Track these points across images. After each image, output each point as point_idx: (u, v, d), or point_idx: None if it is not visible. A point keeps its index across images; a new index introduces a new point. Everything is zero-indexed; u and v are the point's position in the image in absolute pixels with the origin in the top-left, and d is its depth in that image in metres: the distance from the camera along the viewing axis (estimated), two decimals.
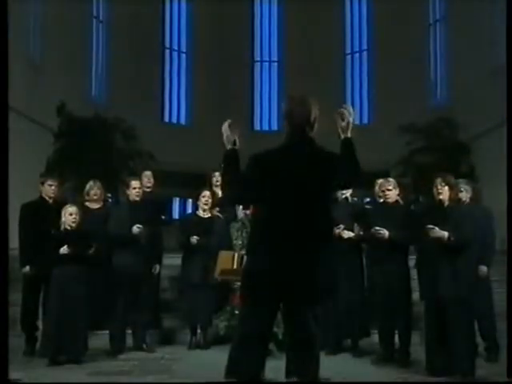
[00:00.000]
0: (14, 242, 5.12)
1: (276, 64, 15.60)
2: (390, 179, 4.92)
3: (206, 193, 5.36)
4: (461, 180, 4.94)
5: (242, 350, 2.40)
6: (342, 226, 4.87)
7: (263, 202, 2.50)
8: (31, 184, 5.81)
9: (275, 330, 3.76)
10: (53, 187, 5.17)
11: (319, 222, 2.48)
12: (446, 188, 4.12)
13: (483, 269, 4.58)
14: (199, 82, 14.55)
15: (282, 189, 2.46)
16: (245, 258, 3.95)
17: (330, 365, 4.50)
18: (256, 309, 2.41)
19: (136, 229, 4.85)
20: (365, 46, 14.89)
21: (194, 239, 5.10)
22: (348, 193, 5.10)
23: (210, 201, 5.32)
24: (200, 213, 5.36)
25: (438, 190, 4.14)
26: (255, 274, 2.43)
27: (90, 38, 12.75)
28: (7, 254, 2.83)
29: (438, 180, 4.16)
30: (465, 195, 4.66)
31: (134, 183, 5.12)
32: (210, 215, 5.35)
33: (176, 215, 12.84)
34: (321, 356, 4.68)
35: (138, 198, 5.07)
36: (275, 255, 2.40)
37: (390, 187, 4.70)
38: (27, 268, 4.96)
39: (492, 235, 4.77)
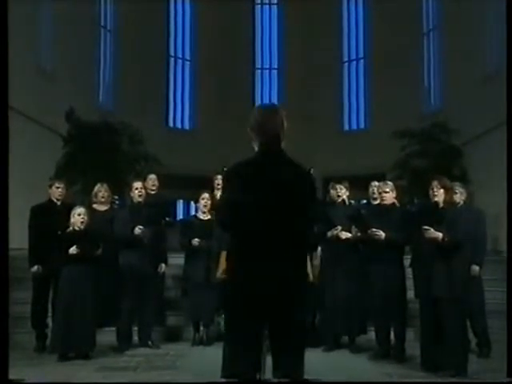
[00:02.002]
0: (25, 242, 5.15)
1: (276, 71, 15.62)
2: (388, 182, 4.92)
3: (205, 195, 5.35)
4: (456, 183, 4.95)
5: (235, 355, 2.32)
6: (339, 228, 4.87)
7: (241, 214, 2.36)
8: (42, 186, 5.83)
9: None
10: (60, 189, 5.18)
11: (295, 230, 2.37)
12: (442, 191, 4.11)
13: (475, 268, 4.59)
14: (202, 88, 14.57)
15: (257, 201, 2.33)
16: None
17: (328, 361, 4.53)
18: (243, 320, 2.30)
19: (138, 230, 4.85)
20: (361, 55, 14.89)
21: (196, 241, 5.09)
22: (345, 195, 5.10)
23: (209, 203, 5.32)
24: (200, 215, 5.36)
25: (433, 192, 4.14)
26: (237, 283, 2.34)
27: (98, 47, 12.76)
28: (7, 254, 2.83)
29: (435, 183, 4.16)
30: (459, 197, 4.66)
31: (136, 184, 5.13)
32: (209, 217, 5.34)
33: (180, 217, 12.84)
34: (319, 352, 4.76)
35: (140, 199, 5.07)
36: (253, 266, 2.30)
37: (388, 189, 4.71)
38: (35, 268, 4.96)
39: (484, 236, 4.78)
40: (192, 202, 11.74)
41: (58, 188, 5.17)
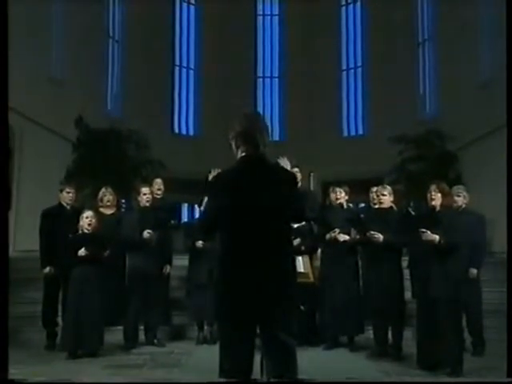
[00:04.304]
0: (36, 244, 5.15)
1: (277, 80, 15.66)
2: (387, 186, 4.91)
3: None
4: (460, 186, 4.92)
5: (227, 356, 2.31)
6: (337, 230, 4.86)
7: (227, 221, 2.34)
8: (53, 190, 5.84)
9: None
10: (70, 194, 5.19)
11: (279, 235, 2.34)
12: (439, 195, 4.09)
13: (473, 271, 4.55)
14: (206, 96, 14.61)
15: (243, 207, 2.31)
16: None
17: (327, 359, 4.51)
18: (233, 322, 2.29)
19: (146, 234, 4.85)
20: (359, 63, 14.93)
21: (200, 243, 5.08)
22: (344, 199, 5.09)
23: None
24: None
25: (431, 196, 4.11)
26: (226, 287, 2.32)
27: (106, 57, 12.82)
28: (7, 255, 2.83)
29: (433, 187, 4.12)
30: (462, 200, 4.63)
31: (144, 190, 5.11)
32: None
33: (185, 220, 12.84)
34: (319, 351, 4.74)
35: (148, 204, 5.06)
36: (240, 270, 2.28)
37: (385, 193, 4.69)
38: (47, 269, 4.97)
39: (483, 239, 4.72)
40: (196, 206, 11.76)
41: (68, 193, 5.18)
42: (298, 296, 2.53)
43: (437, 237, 3.89)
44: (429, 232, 3.90)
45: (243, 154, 2.44)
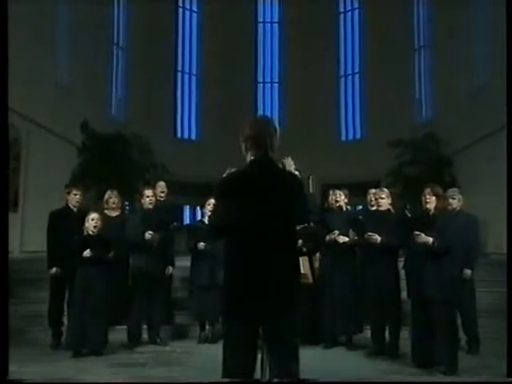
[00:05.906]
0: (42, 245, 5.16)
1: (277, 85, 15.70)
2: (385, 189, 4.91)
3: (211, 201, 5.34)
4: (455, 189, 4.92)
5: (231, 356, 2.28)
6: (336, 232, 4.86)
7: (234, 223, 2.32)
8: (58, 193, 5.85)
9: None
10: (77, 196, 5.19)
11: (284, 237, 2.34)
12: (434, 198, 4.09)
13: (467, 271, 4.56)
14: (208, 101, 14.65)
15: (248, 208, 2.30)
16: None
17: (326, 358, 4.51)
18: (238, 321, 2.27)
19: (148, 235, 4.85)
20: (357, 69, 14.97)
21: (202, 245, 5.08)
22: (343, 201, 5.10)
23: None
24: (205, 220, 5.35)
25: (426, 199, 4.11)
26: (231, 287, 2.31)
27: (111, 63, 12.87)
28: (7, 256, 2.83)
29: (427, 190, 4.12)
30: (456, 203, 4.63)
31: (147, 192, 5.11)
32: None
33: (187, 221, 12.86)
34: (318, 350, 4.74)
35: (151, 206, 5.05)
36: (246, 270, 2.27)
37: (383, 196, 4.70)
38: (54, 270, 4.97)
39: (476, 241, 4.73)
40: (198, 208, 11.77)
41: (75, 195, 5.18)
42: (300, 296, 2.52)
43: (430, 239, 3.89)
44: (423, 234, 3.91)
45: (252, 157, 2.43)
